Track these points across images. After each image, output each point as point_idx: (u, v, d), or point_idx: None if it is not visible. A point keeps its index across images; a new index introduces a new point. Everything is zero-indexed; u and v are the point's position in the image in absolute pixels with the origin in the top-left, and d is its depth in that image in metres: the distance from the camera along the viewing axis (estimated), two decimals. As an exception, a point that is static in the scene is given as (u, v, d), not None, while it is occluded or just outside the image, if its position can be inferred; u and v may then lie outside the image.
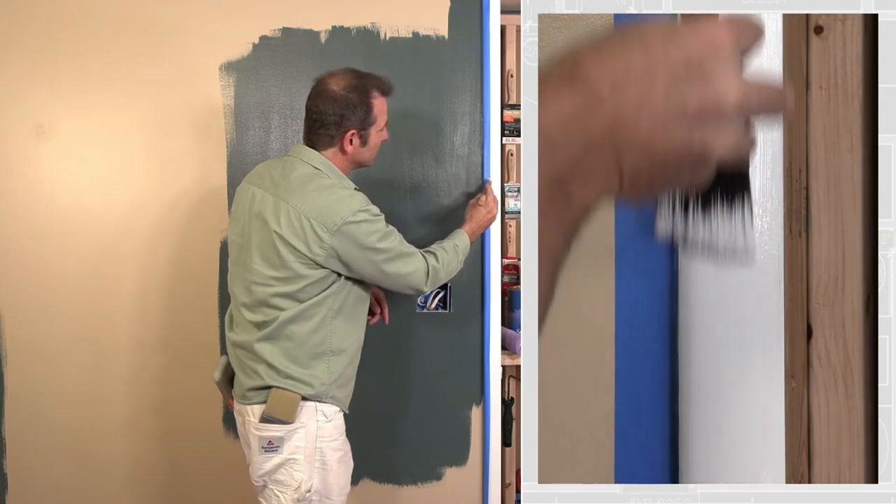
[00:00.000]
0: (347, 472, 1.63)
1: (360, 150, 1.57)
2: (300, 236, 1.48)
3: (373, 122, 1.56)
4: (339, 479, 1.59)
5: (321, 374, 1.54)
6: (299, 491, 1.53)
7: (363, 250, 1.51)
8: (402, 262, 1.56)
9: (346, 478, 1.62)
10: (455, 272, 1.68)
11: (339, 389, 1.58)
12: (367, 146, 1.58)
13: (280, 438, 1.52)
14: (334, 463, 1.57)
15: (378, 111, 1.57)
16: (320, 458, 1.55)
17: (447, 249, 1.66)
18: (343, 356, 1.57)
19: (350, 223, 1.49)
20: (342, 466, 1.60)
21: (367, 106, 1.55)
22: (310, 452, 1.53)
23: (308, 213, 1.48)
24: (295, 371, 1.52)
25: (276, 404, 1.50)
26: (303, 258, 1.49)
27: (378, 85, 1.58)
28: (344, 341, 1.57)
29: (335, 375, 1.56)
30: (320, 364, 1.54)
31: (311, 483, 1.54)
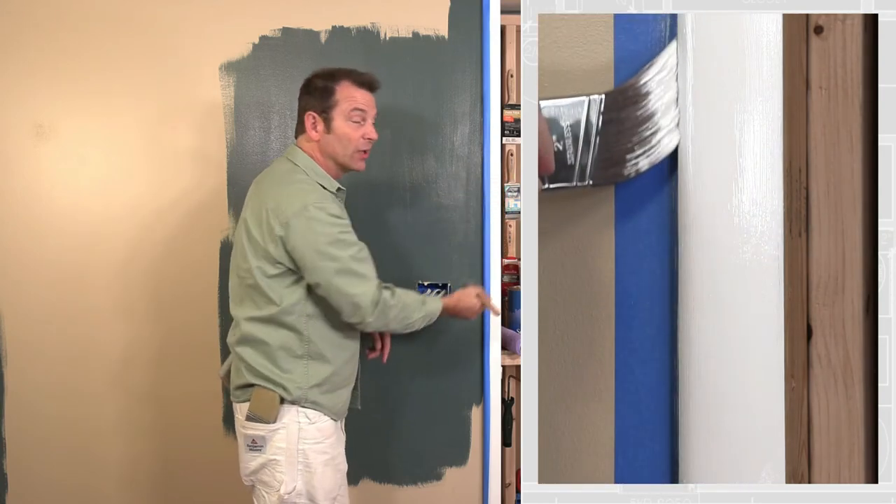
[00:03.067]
0: (336, 476, 1.58)
1: (327, 139, 1.53)
2: (259, 228, 1.49)
3: (334, 104, 1.52)
4: (326, 483, 1.54)
5: (298, 378, 1.51)
6: (280, 492, 1.51)
7: (311, 252, 1.46)
8: (351, 279, 1.47)
9: (333, 481, 1.56)
10: (411, 327, 1.57)
11: (324, 396, 1.54)
12: (333, 133, 1.53)
13: (263, 438, 1.51)
14: (319, 466, 1.53)
15: (343, 96, 1.53)
16: (303, 459, 1.52)
17: (411, 298, 1.57)
18: (326, 363, 1.54)
19: (300, 216, 1.45)
20: (329, 470, 1.55)
21: (328, 90, 1.53)
22: (291, 454, 1.51)
23: (268, 204, 1.48)
24: (272, 373, 1.51)
25: (258, 403, 1.50)
26: (262, 251, 1.48)
27: (352, 75, 1.56)
28: (327, 349, 1.54)
29: (315, 381, 1.52)
30: (298, 368, 1.51)
31: (295, 485, 1.51)
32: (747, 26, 1.13)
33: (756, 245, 1.14)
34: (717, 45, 1.14)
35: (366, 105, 1.55)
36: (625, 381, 1.23)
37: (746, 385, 1.15)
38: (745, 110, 1.13)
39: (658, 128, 1.17)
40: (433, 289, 2.00)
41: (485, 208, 1.98)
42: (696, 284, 1.17)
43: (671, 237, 1.22)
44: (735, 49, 1.13)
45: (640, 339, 1.23)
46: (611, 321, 1.23)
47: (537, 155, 0.80)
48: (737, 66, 1.13)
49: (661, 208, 1.23)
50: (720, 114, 1.14)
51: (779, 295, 1.14)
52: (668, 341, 1.23)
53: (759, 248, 1.14)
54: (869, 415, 1.15)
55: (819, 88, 1.15)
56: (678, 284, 1.20)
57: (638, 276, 1.23)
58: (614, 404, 1.23)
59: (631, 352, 1.23)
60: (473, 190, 1.99)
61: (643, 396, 1.23)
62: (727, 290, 1.15)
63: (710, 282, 1.15)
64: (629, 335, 1.23)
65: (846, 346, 1.15)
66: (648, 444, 1.24)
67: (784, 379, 1.15)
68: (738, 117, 1.13)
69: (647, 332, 1.23)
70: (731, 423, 1.15)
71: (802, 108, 1.15)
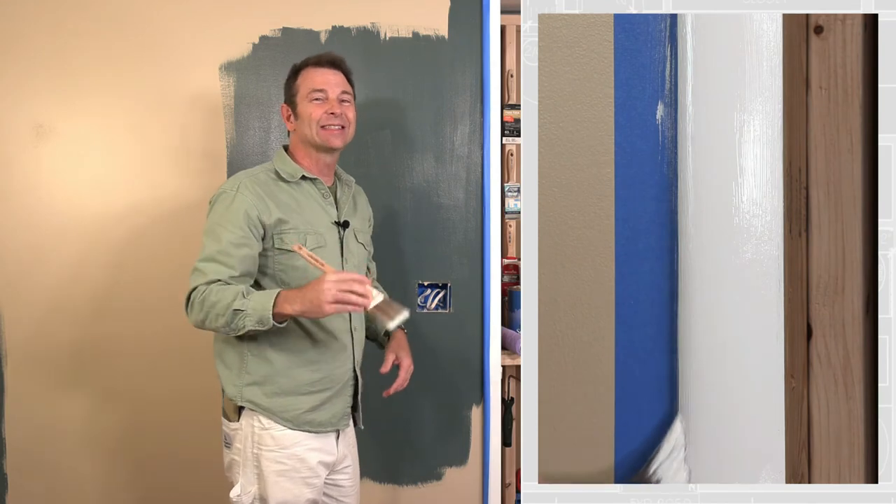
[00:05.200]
0: (295, 489, 1.48)
1: (298, 126, 1.54)
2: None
3: (297, 91, 1.53)
4: (278, 494, 1.47)
5: (235, 376, 1.48)
6: (230, 494, 1.49)
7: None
8: (195, 272, 1.41)
9: (291, 494, 1.48)
10: (238, 329, 1.36)
11: (270, 400, 1.47)
12: (299, 118, 1.52)
13: (229, 436, 1.52)
14: (272, 475, 1.47)
15: (302, 81, 1.53)
16: (257, 464, 1.48)
17: (226, 300, 1.36)
18: (266, 362, 1.47)
19: (211, 200, 1.49)
20: (285, 481, 1.48)
21: (291, 80, 1.56)
22: (247, 457, 1.48)
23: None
24: (219, 366, 1.52)
25: (224, 398, 1.52)
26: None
27: (310, 60, 1.56)
28: (267, 347, 1.47)
29: (252, 379, 1.47)
30: (236, 364, 1.49)
31: (252, 489, 1.48)
32: (747, 26, 1.13)
33: (756, 245, 1.14)
34: (717, 45, 1.14)
35: (324, 84, 1.52)
36: (625, 381, 1.23)
37: (746, 385, 1.15)
38: (745, 110, 1.13)
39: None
40: (433, 289, 2.00)
41: (485, 208, 1.98)
42: (696, 284, 1.17)
43: (671, 237, 1.22)
44: (735, 49, 1.13)
45: (640, 339, 1.23)
46: (611, 321, 1.23)
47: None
48: (737, 66, 1.13)
49: (661, 208, 1.23)
50: (720, 114, 1.14)
51: (779, 295, 1.14)
52: (668, 341, 1.22)
53: (759, 248, 1.14)
54: (869, 415, 1.15)
55: (819, 88, 1.15)
56: (678, 284, 1.20)
57: (638, 276, 1.22)
58: (614, 404, 1.23)
59: (631, 352, 1.23)
60: (473, 190, 1.99)
61: (643, 396, 1.23)
62: (727, 290, 1.15)
63: (710, 282, 1.15)
64: (629, 335, 1.23)
65: (846, 346, 1.15)
66: (648, 443, 1.24)
67: (784, 379, 1.15)
68: (738, 117, 1.13)
69: (647, 332, 1.23)
70: (731, 422, 1.15)
71: (802, 108, 1.15)
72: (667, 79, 1.20)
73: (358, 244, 1.60)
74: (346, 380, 1.57)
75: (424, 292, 2.00)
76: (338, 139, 1.52)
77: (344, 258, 1.54)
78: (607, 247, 1.23)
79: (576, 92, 1.20)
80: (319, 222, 1.51)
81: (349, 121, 1.54)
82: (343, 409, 1.57)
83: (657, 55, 1.20)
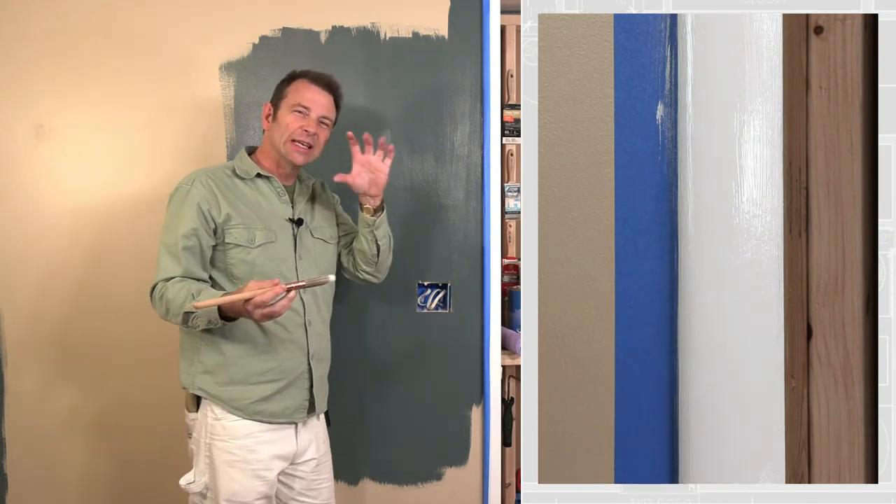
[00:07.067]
0: (245, 481, 1.49)
1: (272, 127, 1.58)
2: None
3: (284, 97, 1.57)
4: (227, 486, 1.48)
5: (188, 364, 1.53)
6: (181, 482, 1.52)
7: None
8: (157, 267, 1.49)
9: (240, 485, 1.48)
10: (183, 324, 1.44)
11: (218, 388, 1.50)
12: (276, 122, 1.57)
13: (189, 426, 1.55)
14: (223, 465, 1.48)
15: (293, 90, 1.57)
16: (208, 454, 1.50)
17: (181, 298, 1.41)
18: (218, 352, 1.50)
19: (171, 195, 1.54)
20: (235, 472, 1.48)
21: (284, 85, 1.59)
22: (200, 446, 1.52)
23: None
24: (180, 357, 1.55)
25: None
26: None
27: (308, 74, 1.60)
28: (220, 336, 1.50)
29: (204, 367, 1.51)
30: (190, 353, 1.53)
31: (203, 479, 1.51)
32: (747, 26, 1.13)
33: (756, 245, 1.14)
34: (717, 45, 1.14)
35: (311, 103, 1.56)
36: (625, 381, 1.23)
37: (746, 385, 1.15)
38: (745, 110, 1.13)
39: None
40: (433, 289, 2.00)
41: (485, 208, 1.98)
42: (695, 284, 1.17)
43: (671, 237, 1.22)
44: (735, 49, 1.13)
45: (640, 339, 1.23)
46: (611, 321, 1.23)
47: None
48: (737, 66, 1.13)
49: (661, 208, 1.23)
50: (720, 114, 1.14)
51: (779, 295, 1.14)
52: (668, 341, 1.22)
53: (759, 248, 1.14)
54: (869, 415, 1.15)
55: (819, 88, 1.15)
56: (678, 284, 1.20)
57: (638, 276, 1.22)
58: (614, 404, 1.23)
59: (631, 352, 1.23)
60: (473, 190, 1.99)
61: (643, 396, 1.23)
62: (727, 290, 1.15)
63: (709, 282, 1.15)
64: (629, 335, 1.23)
65: (846, 346, 1.15)
66: (648, 444, 1.24)
67: (784, 379, 1.15)
68: (738, 117, 1.13)
69: (647, 332, 1.23)
70: (731, 422, 1.15)
71: (802, 108, 1.15)
72: (667, 79, 1.20)
73: (315, 240, 1.63)
74: (300, 372, 1.58)
75: (424, 292, 2.00)
76: (301, 157, 1.57)
77: (298, 254, 1.58)
78: (607, 247, 1.23)
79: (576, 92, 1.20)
80: (272, 219, 1.55)
81: (318, 143, 1.58)
82: (298, 402, 1.58)
83: (657, 55, 1.20)
